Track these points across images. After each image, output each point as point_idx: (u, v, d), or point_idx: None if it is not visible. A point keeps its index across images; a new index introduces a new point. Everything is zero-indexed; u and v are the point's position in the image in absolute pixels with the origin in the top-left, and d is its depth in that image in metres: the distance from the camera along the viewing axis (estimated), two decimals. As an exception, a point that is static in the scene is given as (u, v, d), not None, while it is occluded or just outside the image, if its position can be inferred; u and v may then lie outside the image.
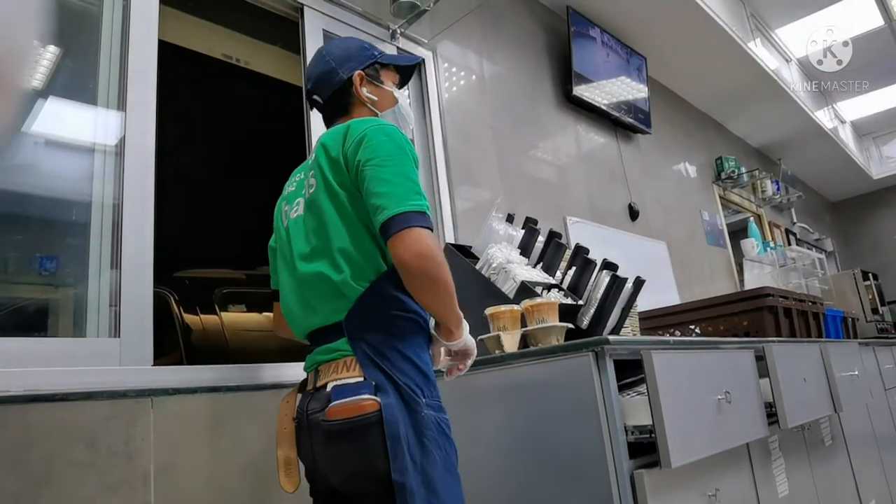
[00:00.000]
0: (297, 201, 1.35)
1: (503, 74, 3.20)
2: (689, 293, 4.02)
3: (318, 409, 1.18)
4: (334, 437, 1.14)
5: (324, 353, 1.23)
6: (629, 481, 1.35)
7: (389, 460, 1.09)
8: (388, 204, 1.15)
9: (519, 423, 1.55)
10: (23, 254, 1.63)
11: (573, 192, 3.43)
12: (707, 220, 4.93)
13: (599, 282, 1.84)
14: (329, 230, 1.22)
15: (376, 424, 1.11)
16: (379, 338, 1.19)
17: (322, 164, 1.26)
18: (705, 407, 1.52)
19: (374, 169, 1.19)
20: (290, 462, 1.27)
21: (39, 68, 1.71)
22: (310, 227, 1.27)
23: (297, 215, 1.33)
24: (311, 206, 1.28)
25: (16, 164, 1.62)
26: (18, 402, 1.24)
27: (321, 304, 1.24)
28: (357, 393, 1.13)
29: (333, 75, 1.41)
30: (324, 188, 1.25)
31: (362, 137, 1.22)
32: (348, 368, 1.17)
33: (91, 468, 1.29)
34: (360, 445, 1.12)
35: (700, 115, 5.55)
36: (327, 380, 1.19)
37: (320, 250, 1.24)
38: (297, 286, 1.30)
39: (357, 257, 1.21)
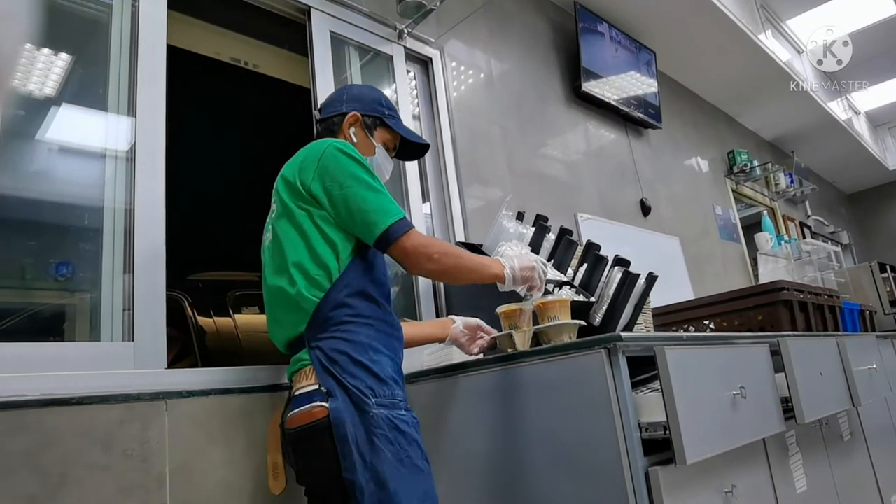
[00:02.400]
0: (268, 228, 1.45)
1: (511, 72, 3.19)
2: (702, 288, 3.99)
3: (287, 418, 1.30)
4: (294, 443, 1.27)
5: (293, 363, 1.34)
6: (644, 478, 1.34)
7: (340, 461, 1.20)
8: (368, 224, 1.30)
9: (532, 420, 1.54)
10: (38, 260, 1.64)
11: (584, 189, 3.41)
12: (720, 214, 4.89)
13: (612, 278, 1.83)
14: (284, 247, 1.34)
15: (326, 429, 1.21)
16: (331, 344, 1.29)
17: (280, 190, 1.39)
18: (720, 403, 1.50)
19: (346, 190, 1.31)
20: (276, 466, 1.36)
21: (52, 76, 1.73)
22: (274, 249, 1.38)
23: (267, 242, 1.43)
24: (273, 230, 1.39)
25: (30, 171, 1.64)
26: (35, 406, 1.25)
27: (284, 317, 1.35)
28: (311, 401, 1.24)
29: (337, 104, 1.57)
30: (282, 211, 1.37)
31: (321, 158, 1.34)
32: (307, 377, 1.28)
33: (107, 471, 1.30)
34: (314, 450, 1.23)
35: (711, 108, 5.51)
36: (297, 388, 1.29)
37: (279, 268, 1.35)
38: (268, 303, 1.41)
39: (311, 269, 1.31)
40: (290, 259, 1.32)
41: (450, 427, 1.78)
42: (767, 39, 4.70)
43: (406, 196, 2.45)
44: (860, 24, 5.00)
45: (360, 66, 2.52)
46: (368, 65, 2.56)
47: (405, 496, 1.21)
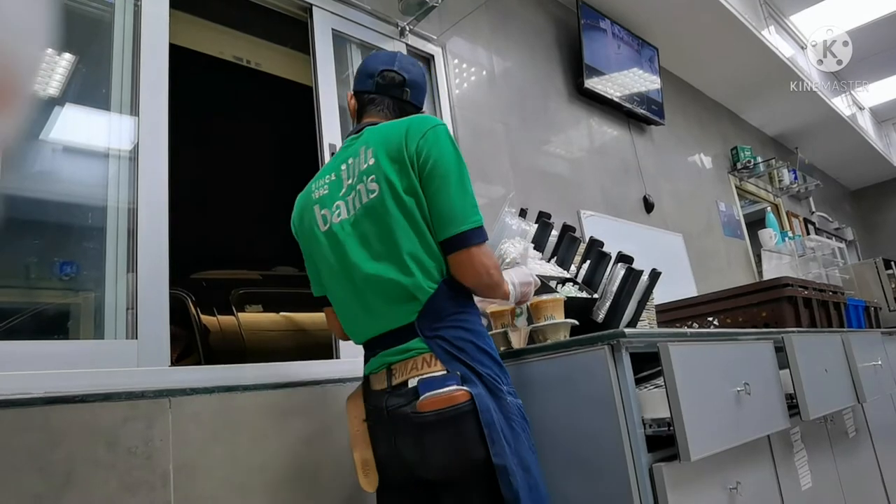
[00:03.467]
0: (337, 205, 1.34)
1: (513, 69, 3.19)
2: (706, 285, 3.98)
3: (402, 404, 1.23)
4: (428, 428, 1.18)
5: (396, 353, 1.27)
6: (648, 475, 1.33)
7: (487, 446, 1.16)
8: (451, 220, 1.26)
9: (536, 417, 1.54)
10: (43, 259, 1.65)
11: (587, 186, 3.41)
12: (723, 210, 4.88)
13: (615, 275, 1.83)
14: (397, 235, 1.25)
15: (470, 413, 1.17)
16: (454, 333, 1.26)
17: (385, 167, 1.27)
18: (724, 399, 1.50)
19: (439, 180, 1.26)
20: (367, 463, 1.31)
21: (55, 76, 1.73)
22: (370, 231, 1.29)
23: (341, 219, 1.33)
24: (372, 211, 1.28)
25: (34, 171, 1.64)
26: (39, 404, 1.25)
27: (388, 308, 1.28)
28: (445, 385, 1.19)
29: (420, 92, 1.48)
30: (390, 194, 1.26)
31: (424, 140, 1.26)
32: (428, 364, 1.23)
33: (111, 468, 1.30)
34: (455, 434, 1.17)
35: (714, 105, 5.50)
36: (407, 377, 1.24)
37: (385, 255, 1.27)
38: (356, 292, 1.32)
39: (425, 260, 1.26)
40: (404, 248, 1.24)
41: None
42: (770, 35, 4.68)
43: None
44: (864, 19, 4.98)
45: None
46: (370, 63, 2.56)
47: (543, 482, 1.24)
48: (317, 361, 1.79)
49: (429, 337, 1.25)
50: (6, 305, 1.47)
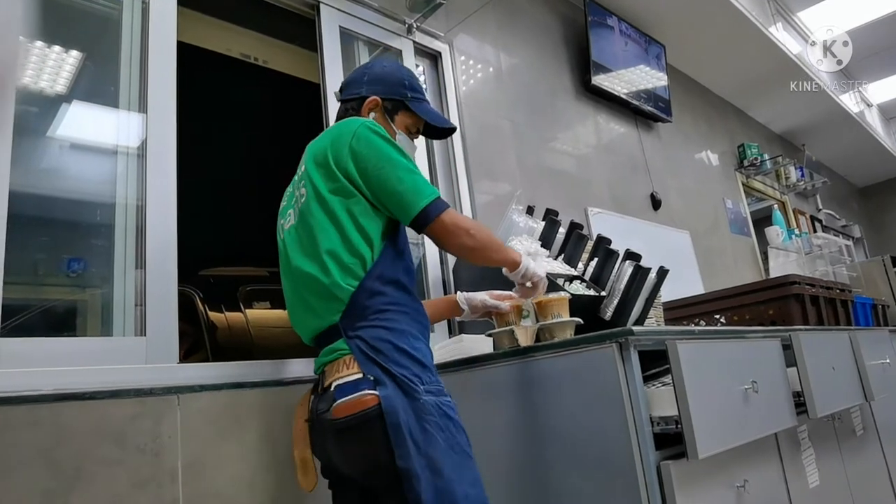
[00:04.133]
0: (288, 213, 1.42)
1: (520, 66, 3.18)
2: (713, 282, 3.97)
3: (325, 409, 1.24)
4: (342, 433, 1.21)
5: (326, 353, 1.30)
6: (656, 472, 1.33)
7: (392, 449, 1.16)
8: (404, 204, 1.29)
9: (543, 415, 1.54)
10: (51, 256, 1.65)
11: (594, 183, 3.40)
12: (730, 208, 4.87)
13: (622, 272, 1.83)
14: (317, 234, 1.29)
15: (377, 417, 1.17)
16: (371, 333, 1.26)
17: (311, 172, 1.34)
18: (732, 397, 1.49)
19: (379, 171, 1.29)
20: (305, 462, 1.33)
21: (64, 73, 1.74)
22: (302, 234, 1.34)
23: (289, 226, 1.39)
24: (302, 215, 1.35)
25: (43, 168, 1.65)
26: (49, 401, 1.26)
27: (317, 304, 1.30)
28: (358, 389, 1.20)
29: (357, 86, 1.50)
30: (314, 196, 1.32)
31: (355, 136, 1.31)
32: (347, 366, 1.24)
33: (120, 465, 1.31)
34: (365, 439, 1.18)
35: (721, 102, 5.47)
36: (331, 379, 1.25)
37: (311, 254, 1.31)
38: (295, 291, 1.36)
39: (345, 257, 1.28)
40: (322, 246, 1.28)
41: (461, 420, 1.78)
42: (778, 32, 4.66)
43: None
44: (873, 15, 4.94)
45: (369, 60, 2.52)
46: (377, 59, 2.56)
47: (459, 482, 1.20)
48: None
49: (350, 337, 1.27)
50: (15, 302, 1.47)
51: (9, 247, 1.37)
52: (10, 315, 1.39)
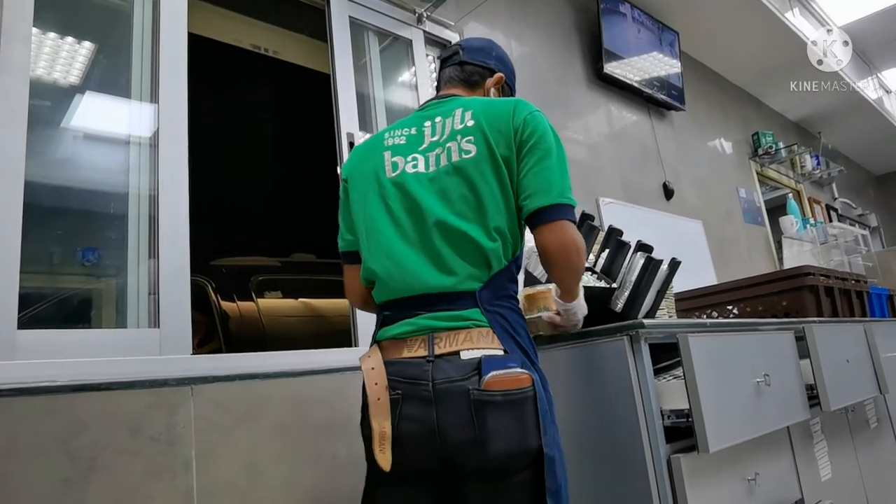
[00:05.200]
0: (414, 156, 1.28)
1: (532, 54, 3.16)
2: (726, 273, 3.94)
3: (457, 378, 1.12)
4: (492, 409, 1.09)
5: (445, 319, 1.17)
6: (666, 466, 1.34)
7: (541, 435, 1.11)
8: (549, 191, 1.20)
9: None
10: (66, 246, 1.67)
11: (606, 173, 3.38)
12: (744, 197, 4.82)
13: (634, 264, 1.81)
14: (485, 200, 1.20)
15: (531, 399, 1.12)
16: (511, 314, 1.21)
17: (487, 132, 1.23)
18: (744, 390, 1.49)
19: (542, 153, 1.22)
20: (385, 437, 1.15)
21: (76, 64, 1.75)
22: (453, 190, 1.22)
23: (417, 171, 1.26)
24: (461, 171, 1.22)
25: (56, 158, 1.66)
26: (65, 392, 1.27)
27: (460, 266, 1.18)
28: (507, 365, 1.12)
29: (485, 56, 1.46)
30: (488, 157, 1.22)
31: (531, 119, 1.24)
32: (486, 339, 1.15)
33: (135, 455, 1.32)
34: (517, 419, 1.10)
35: (736, 89, 5.41)
36: (459, 348, 1.14)
37: (469, 216, 1.20)
38: (423, 241, 1.22)
39: (506, 232, 1.21)
40: (490, 214, 1.19)
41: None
42: (794, 17, 4.59)
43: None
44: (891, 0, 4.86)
45: (378, 50, 2.51)
46: (387, 49, 2.55)
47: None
48: (335, 350, 1.80)
49: (489, 311, 1.18)
50: (31, 291, 1.49)
51: (24, 237, 1.39)
52: (26, 305, 1.41)
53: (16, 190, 1.40)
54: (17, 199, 1.40)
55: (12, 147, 1.41)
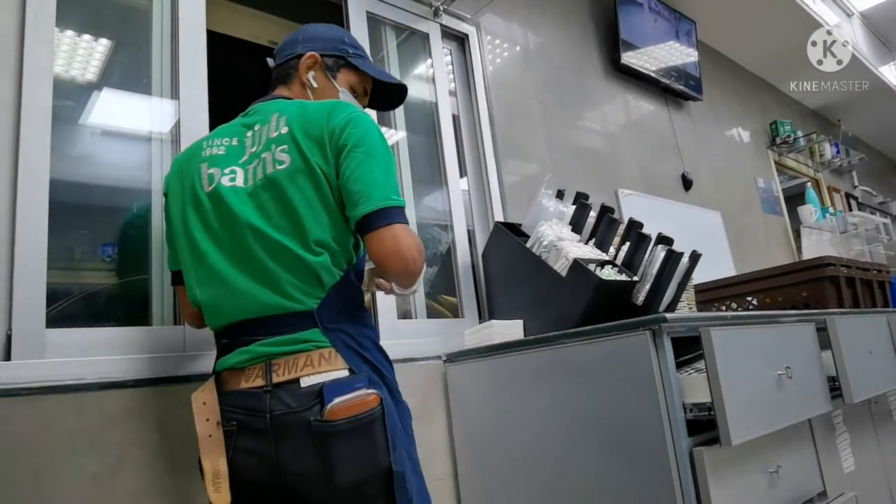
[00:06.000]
0: (232, 169, 1.19)
1: (549, 46, 3.14)
2: (744, 264, 3.91)
3: (297, 409, 1.06)
4: (337, 438, 1.04)
5: (281, 344, 1.10)
6: (688, 459, 1.34)
7: (390, 453, 1.07)
8: (372, 196, 1.10)
9: (574, 402, 1.55)
10: (89, 242, 1.69)
11: (624, 164, 3.36)
12: (762, 187, 4.78)
13: (655, 257, 1.81)
14: (301, 212, 1.12)
15: (380, 419, 1.07)
16: (355, 329, 1.15)
17: (300, 141, 1.14)
18: (765, 383, 1.49)
19: (362, 156, 1.12)
20: (219, 475, 1.08)
21: (97, 62, 1.76)
22: (269, 204, 1.14)
23: (234, 185, 1.17)
24: (275, 183, 1.14)
25: (77, 154, 1.68)
26: (94, 390, 1.30)
27: (292, 283, 1.11)
28: (353, 388, 1.07)
29: (291, 47, 1.37)
30: (303, 169, 1.13)
31: (348, 121, 1.15)
32: (328, 361, 1.09)
33: (161, 451, 1.35)
34: (366, 443, 1.06)
35: (754, 78, 5.35)
36: (298, 374, 1.08)
37: (288, 231, 1.12)
38: (244, 258, 1.13)
39: (332, 244, 1.13)
40: (308, 226, 1.11)
41: (491, 406, 1.80)
42: (814, 3, 4.52)
43: (444, 172, 2.45)
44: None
45: (396, 45, 2.51)
46: (404, 43, 2.55)
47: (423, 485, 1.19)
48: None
49: (329, 329, 1.11)
50: (57, 288, 1.51)
51: (50, 234, 1.41)
52: (52, 301, 1.43)
53: (41, 190, 1.42)
54: (42, 199, 1.42)
55: (37, 147, 1.43)
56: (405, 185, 2.34)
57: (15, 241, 1.35)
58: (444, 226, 2.43)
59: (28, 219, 1.38)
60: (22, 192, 1.38)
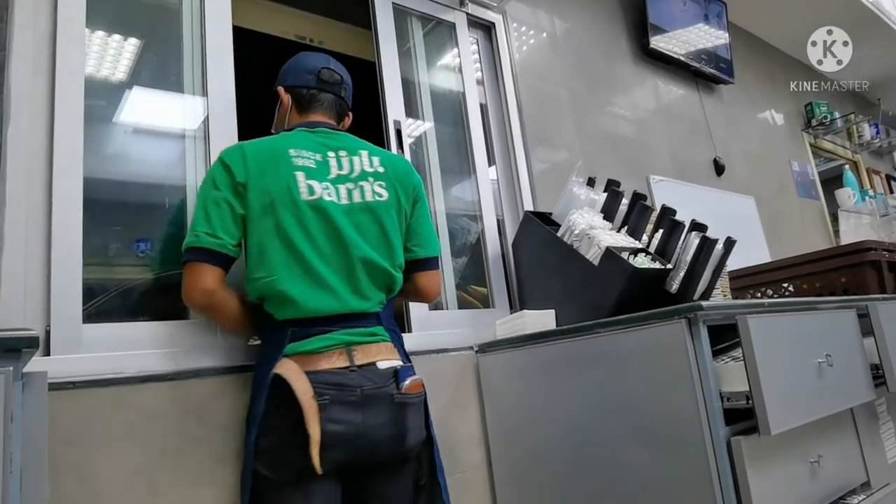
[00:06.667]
0: (326, 185, 1.40)
1: (576, 32, 3.10)
2: (780, 249, 3.83)
3: (380, 385, 1.31)
4: (409, 409, 1.34)
5: (360, 335, 1.36)
6: (726, 448, 1.32)
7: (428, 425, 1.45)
8: (433, 244, 1.60)
9: (609, 392, 1.53)
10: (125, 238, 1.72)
11: (655, 151, 3.32)
12: (797, 170, 4.67)
13: (688, 244, 1.78)
14: (393, 242, 1.46)
15: (425, 399, 1.42)
16: (397, 330, 1.49)
17: (396, 185, 1.50)
18: (805, 372, 1.46)
19: (425, 209, 1.60)
20: (316, 441, 1.22)
21: (127, 60, 1.79)
22: (366, 226, 1.43)
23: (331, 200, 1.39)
24: (373, 212, 1.44)
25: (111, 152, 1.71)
26: (134, 383, 1.33)
27: (372, 291, 1.41)
28: (412, 372, 1.38)
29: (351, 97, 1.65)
30: (396, 206, 1.49)
31: (419, 181, 1.59)
32: (391, 351, 1.39)
33: (202, 442, 1.37)
34: (422, 414, 1.40)
35: (787, 59, 5.21)
36: (373, 359, 1.34)
37: (382, 253, 1.44)
38: (348, 268, 1.38)
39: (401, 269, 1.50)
40: (395, 250, 1.47)
41: (524, 397, 1.79)
42: (852, -22, 4.38)
43: (472, 162, 2.44)
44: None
45: (422, 35, 2.50)
46: (430, 34, 2.54)
47: None
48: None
49: (388, 328, 1.43)
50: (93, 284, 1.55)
51: (87, 231, 1.44)
52: (90, 298, 1.46)
53: (76, 189, 1.45)
54: (77, 197, 1.44)
55: (71, 146, 1.46)
56: (434, 176, 2.34)
57: (51, 239, 1.38)
58: (473, 216, 2.43)
59: (63, 217, 1.41)
60: (57, 191, 1.41)
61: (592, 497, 1.57)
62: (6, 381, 0.73)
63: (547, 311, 1.94)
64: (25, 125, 1.40)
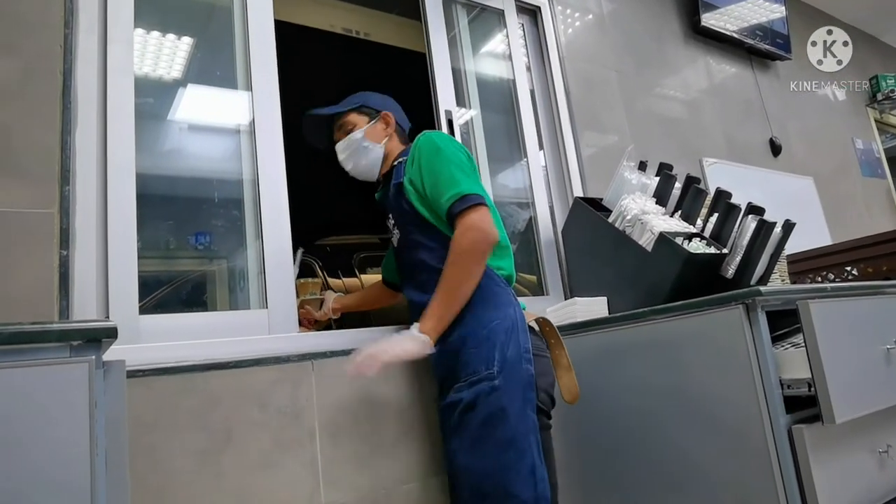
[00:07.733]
0: None
1: (624, 12, 3.04)
2: (841, 232, 3.70)
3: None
4: None
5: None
6: (787, 437, 1.29)
7: None
8: None
9: (664, 379, 1.52)
10: (181, 232, 1.78)
11: (708, 132, 3.23)
12: (861, 148, 4.48)
13: (745, 228, 1.74)
14: None
15: None
16: None
17: None
18: (871, 358, 1.41)
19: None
20: None
21: (182, 59, 1.84)
22: None
23: None
24: None
25: (168, 149, 1.76)
26: (199, 370, 1.38)
27: None
28: None
29: None
30: None
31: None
32: None
33: (264, 427, 1.42)
34: None
35: (850, 30, 4.97)
36: None
37: None
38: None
39: None
40: None
41: (579, 383, 1.79)
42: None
43: (524, 149, 2.43)
44: None
45: (467, 23, 2.49)
46: (475, 21, 2.53)
47: None
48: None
49: None
50: (150, 276, 1.60)
51: (144, 226, 1.49)
52: (150, 291, 1.52)
53: (128, 184, 1.50)
54: (130, 193, 1.49)
55: (123, 143, 1.51)
56: (481, 164, 2.34)
57: (108, 234, 1.44)
58: (521, 203, 2.42)
59: (118, 212, 1.46)
60: (112, 187, 1.47)
61: (648, 486, 1.56)
62: (90, 369, 0.77)
63: (599, 299, 1.92)
64: (90, 127, 1.46)
